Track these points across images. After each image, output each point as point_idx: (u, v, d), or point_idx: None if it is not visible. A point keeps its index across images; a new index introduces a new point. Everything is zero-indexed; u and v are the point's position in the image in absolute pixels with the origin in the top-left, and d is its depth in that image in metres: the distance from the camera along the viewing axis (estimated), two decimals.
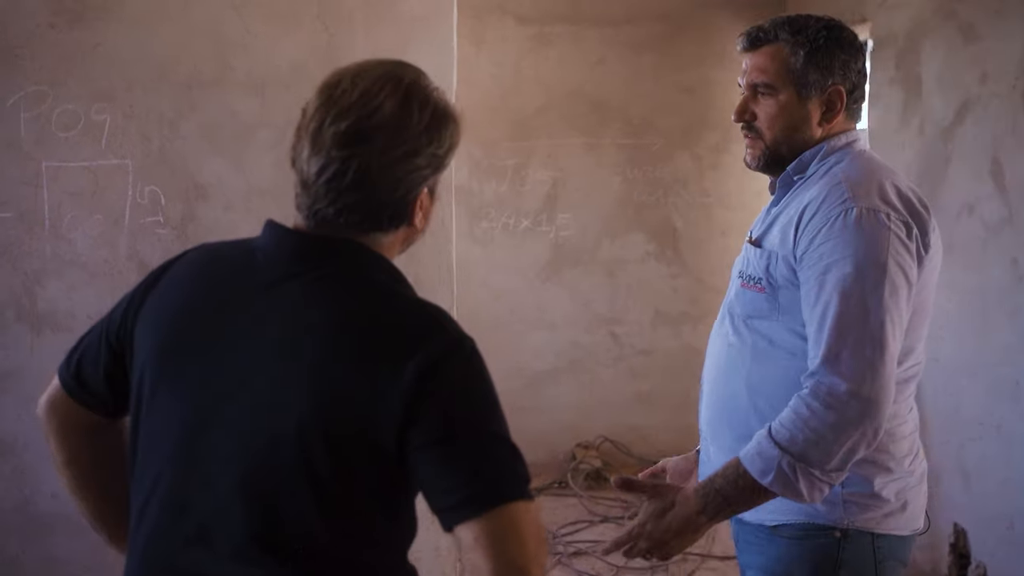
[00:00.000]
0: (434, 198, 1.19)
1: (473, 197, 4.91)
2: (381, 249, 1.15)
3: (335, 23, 2.36)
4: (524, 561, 0.98)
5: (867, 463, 1.46)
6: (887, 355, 1.37)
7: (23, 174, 2.34)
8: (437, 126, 1.11)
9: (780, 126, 1.54)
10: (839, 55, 1.52)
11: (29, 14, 2.32)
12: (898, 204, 1.44)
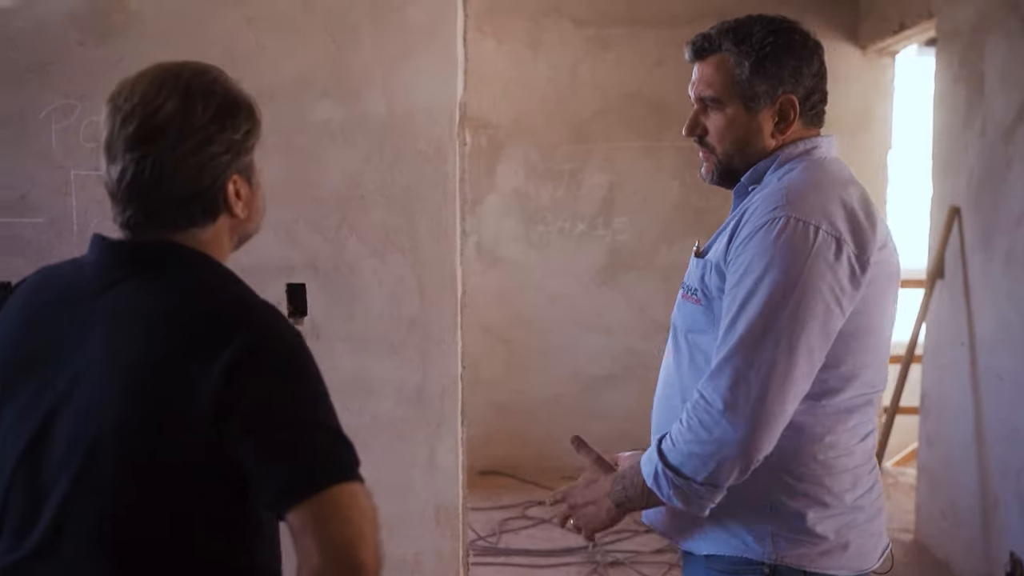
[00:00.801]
0: (254, 186, 1.23)
1: (529, 201, 4.92)
2: (203, 246, 1.17)
3: (341, 33, 2.41)
4: (350, 542, 0.99)
5: (799, 496, 1.40)
6: (783, 379, 1.30)
7: (54, 182, 2.49)
8: (225, 113, 1.15)
9: (730, 140, 1.48)
10: (788, 61, 1.43)
11: (59, 33, 2.46)
12: (835, 218, 1.34)
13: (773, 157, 1.47)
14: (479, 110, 4.93)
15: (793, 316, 1.30)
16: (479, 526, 4.23)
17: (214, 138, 1.13)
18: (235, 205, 1.18)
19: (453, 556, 2.54)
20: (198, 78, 1.17)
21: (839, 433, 1.41)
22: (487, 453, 5.02)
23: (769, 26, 1.44)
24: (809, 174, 1.43)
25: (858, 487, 1.44)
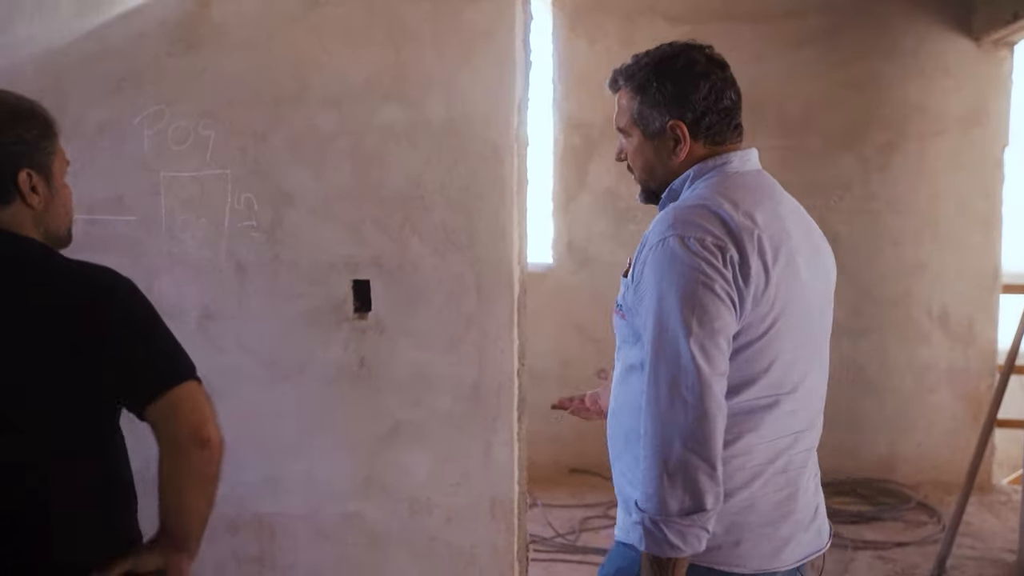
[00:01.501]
0: (54, 187, 1.48)
1: (620, 200, 4.90)
2: (8, 222, 1.43)
3: (403, 40, 2.49)
4: (201, 422, 1.39)
5: None
6: (696, 382, 1.34)
7: (146, 183, 2.69)
8: (15, 118, 1.42)
9: (640, 165, 1.62)
10: (668, 87, 1.52)
11: (152, 45, 2.66)
12: (716, 230, 1.39)
13: (686, 176, 1.54)
14: (573, 109, 4.96)
15: (688, 324, 1.35)
16: (560, 523, 4.26)
17: (5, 132, 1.39)
18: (29, 197, 1.43)
19: (508, 550, 2.58)
20: (4, 94, 1.46)
21: (735, 433, 1.42)
22: (578, 451, 5.04)
23: (650, 60, 1.57)
24: (707, 188, 1.48)
25: (753, 487, 1.46)
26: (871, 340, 4.71)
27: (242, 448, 2.71)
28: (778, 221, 1.47)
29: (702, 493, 1.35)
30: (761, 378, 1.44)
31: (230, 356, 2.68)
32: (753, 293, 1.40)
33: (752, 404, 1.44)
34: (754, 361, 1.43)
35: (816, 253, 1.56)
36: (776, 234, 1.44)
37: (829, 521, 1.64)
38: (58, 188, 1.49)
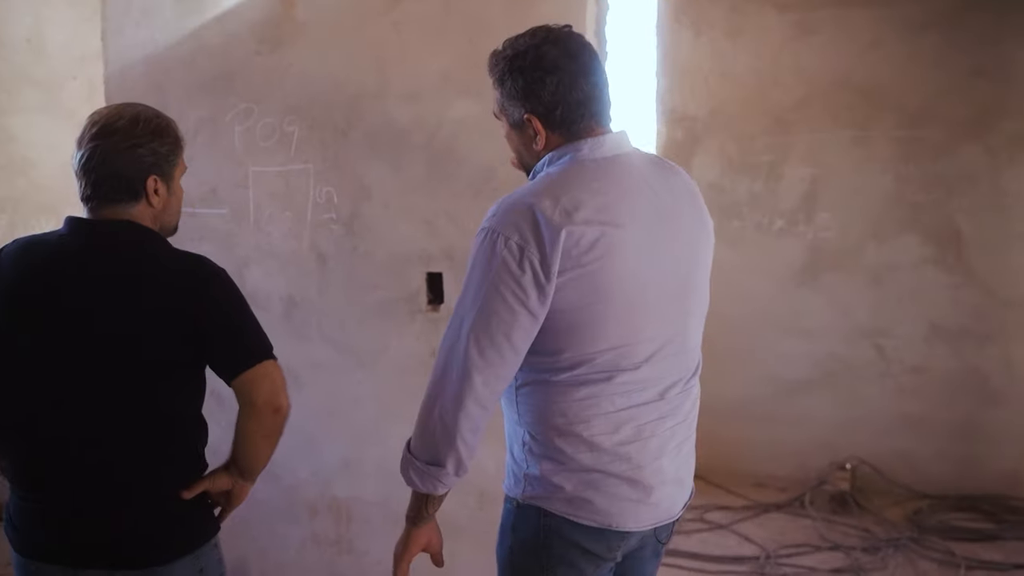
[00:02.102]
0: (172, 190, 1.72)
1: (724, 195, 4.75)
2: (135, 217, 1.66)
3: (477, 34, 2.50)
4: (274, 392, 1.67)
5: (538, 452, 1.60)
6: (467, 369, 1.50)
7: (236, 177, 2.82)
8: (154, 134, 1.65)
9: (512, 149, 1.71)
10: (520, 82, 1.58)
11: (242, 45, 2.78)
12: (524, 230, 1.47)
13: (542, 161, 1.63)
14: (676, 102, 4.84)
15: (473, 316, 1.50)
16: None
17: (142, 145, 1.63)
18: (152, 197, 1.67)
19: None
20: (145, 110, 1.69)
21: (569, 403, 1.56)
22: None
23: (506, 53, 1.63)
24: (538, 180, 1.58)
25: (596, 452, 1.57)
26: (997, 346, 4.38)
27: (322, 433, 2.81)
28: (606, 210, 1.51)
29: (440, 453, 1.55)
30: (596, 357, 1.54)
31: (312, 344, 2.78)
32: (558, 283, 1.48)
33: (582, 378, 1.55)
34: (582, 342, 1.53)
35: (671, 233, 1.60)
36: (599, 224, 1.49)
37: (694, 487, 1.82)
38: (175, 190, 1.75)
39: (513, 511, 1.67)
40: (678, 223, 1.63)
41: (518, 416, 1.63)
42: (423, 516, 1.65)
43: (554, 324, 1.51)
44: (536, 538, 1.62)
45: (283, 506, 2.88)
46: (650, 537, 1.71)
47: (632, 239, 1.52)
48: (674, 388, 1.65)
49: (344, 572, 2.81)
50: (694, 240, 1.68)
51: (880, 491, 4.43)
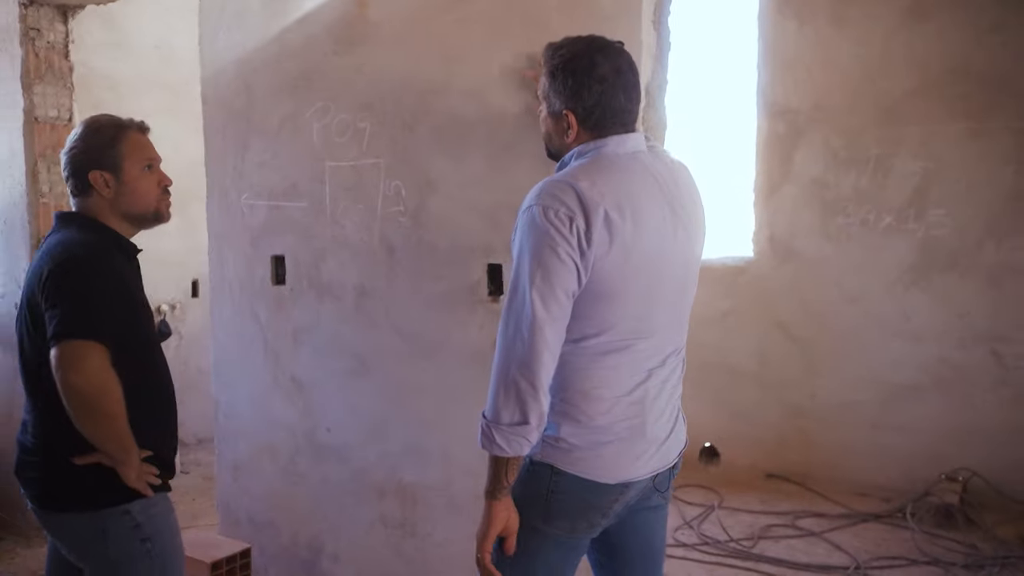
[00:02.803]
0: (124, 180, 2.00)
1: (828, 190, 4.57)
2: (90, 210, 2.01)
3: (535, 29, 2.51)
4: (77, 378, 1.78)
5: (558, 413, 1.76)
6: (531, 323, 1.65)
7: (314, 172, 2.96)
8: (87, 135, 1.99)
9: (543, 133, 1.91)
10: (569, 83, 1.77)
11: (319, 45, 2.91)
12: (568, 201, 1.65)
13: (571, 153, 1.82)
14: (778, 95, 4.69)
15: (533, 278, 1.66)
16: (740, 528, 4.07)
17: (76, 148, 2.00)
18: (100, 189, 1.97)
19: None
20: (91, 118, 2.03)
21: (596, 369, 1.74)
22: (777, 456, 4.78)
23: (565, 51, 1.80)
24: (573, 167, 1.77)
25: (612, 413, 1.76)
26: None
27: (389, 418, 2.91)
28: (630, 197, 1.71)
29: (527, 410, 1.66)
30: (618, 324, 1.73)
31: (380, 332, 2.88)
32: (596, 254, 1.66)
33: (608, 346, 1.74)
34: (608, 311, 1.71)
35: (678, 221, 1.79)
36: (626, 208, 1.69)
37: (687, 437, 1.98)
38: (128, 181, 1.99)
39: (526, 469, 1.81)
40: (684, 213, 1.83)
41: None
42: (502, 486, 1.75)
43: (588, 291, 1.69)
44: (543, 492, 1.79)
45: (353, 488, 3.00)
46: (651, 490, 1.89)
47: (650, 223, 1.73)
48: (672, 357, 1.85)
49: (408, 554, 2.89)
50: (695, 229, 1.87)
51: (993, 506, 4.15)
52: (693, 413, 4.87)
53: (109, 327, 1.88)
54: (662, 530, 2.02)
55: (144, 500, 2.00)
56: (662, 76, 2.51)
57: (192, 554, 2.88)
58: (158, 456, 2.06)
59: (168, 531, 2.08)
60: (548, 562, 1.84)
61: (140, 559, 2.01)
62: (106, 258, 1.96)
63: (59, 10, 3.85)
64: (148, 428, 2.01)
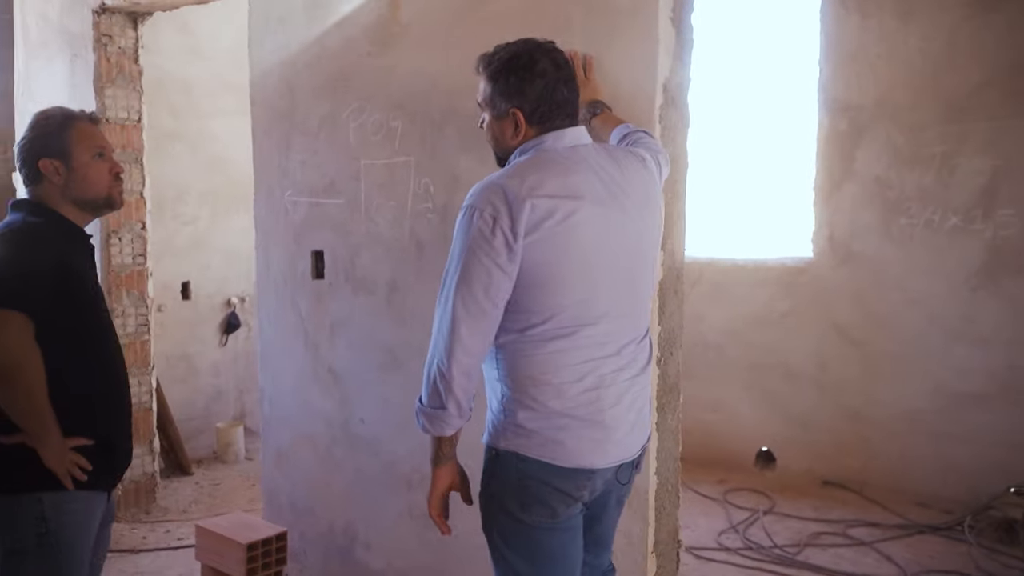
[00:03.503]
0: (74, 167, 2.04)
1: (890, 189, 4.42)
2: (41, 198, 2.06)
3: (557, 27, 2.52)
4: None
5: (514, 400, 1.84)
6: (454, 322, 1.76)
7: (351, 170, 3.05)
8: (33, 126, 2.08)
9: (489, 138, 1.97)
10: (512, 80, 1.85)
11: (356, 47, 2.99)
12: (496, 202, 1.74)
13: (515, 153, 1.91)
14: (839, 91, 4.56)
15: (456, 279, 1.77)
16: (788, 535, 3.98)
17: (27, 138, 2.07)
18: (51, 176, 2.04)
19: (641, 541, 2.52)
20: (43, 110, 2.12)
21: (541, 355, 1.81)
22: (834, 462, 4.65)
23: (504, 53, 1.88)
24: (515, 167, 1.84)
25: (564, 399, 1.81)
26: None
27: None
28: (565, 188, 1.78)
29: (444, 399, 1.79)
30: (559, 312, 1.79)
31: (408, 327, 2.94)
32: (525, 245, 1.74)
33: (552, 333, 1.80)
34: (550, 295, 1.78)
35: (623, 210, 1.86)
36: (558, 198, 1.76)
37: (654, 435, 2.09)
38: (77, 168, 2.05)
39: (493, 460, 1.90)
40: (630, 203, 1.89)
41: (497, 372, 1.87)
42: (441, 456, 1.89)
43: (525, 281, 1.77)
44: (514, 481, 1.85)
45: (384, 478, 3.08)
46: (613, 481, 1.95)
47: (587, 211, 1.79)
48: (628, 346, 1.90)
49: (433, 545, 2.95)
50: (642, 218, 1.93)
51: None
52: (746, 415, 4.84)
53: (36, 301, 1.87)
54: (614, 522, 2.12)
55: (58, 492, 1.94)
56: (683, 74, 2.48)
57: (230, 535, 3.02)
58: (104, 449, 2.02)
59: (74, 534, 1.99)
60: (546, 550, 1.89)
61: (30, 556, 1.94)
62: (42, 237, 1.99)
63: (130, 17, 4.06)
64: (86, 417, 1.99)
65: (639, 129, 2.24)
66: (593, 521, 2.01)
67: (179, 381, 5.23)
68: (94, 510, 2.05)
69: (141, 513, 4.22)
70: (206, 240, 5.34)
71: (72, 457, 1.94)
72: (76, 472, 1.94)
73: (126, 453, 2.16)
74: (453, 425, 1.83)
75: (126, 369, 2.21)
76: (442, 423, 1.82)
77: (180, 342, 5.25)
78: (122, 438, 2.13)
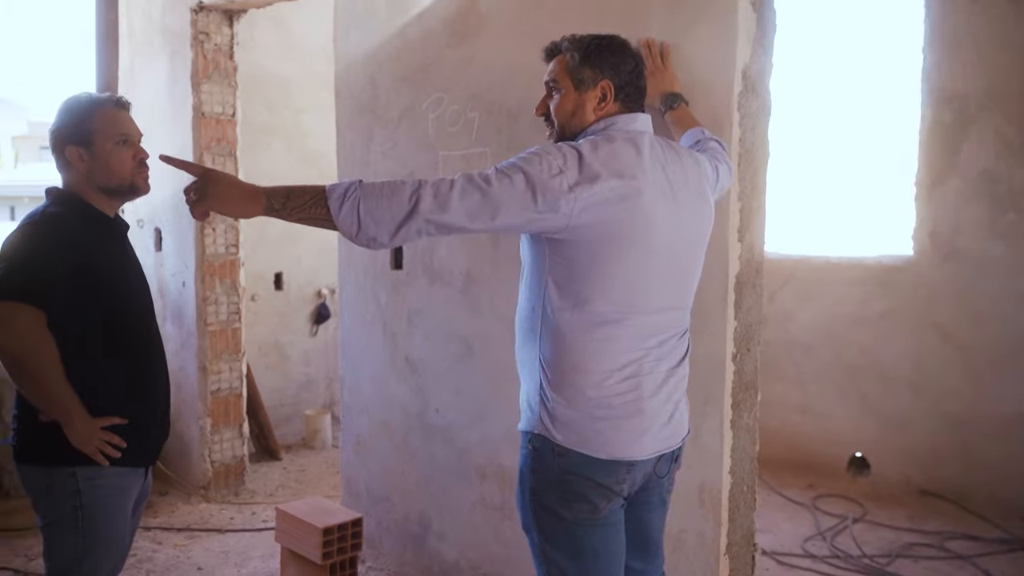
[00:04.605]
0: (97, 154, 2.05)
1: (998, 184, 4.17)
2: (69, 185, 2.10)
3: (633, 14, 2.48)
4: (4, 338, 1.87)
5: (552, 386, 1.81)
6: (454, 183, 1.69)
7: (429, 161, 3.07)
8: (60, 114, 2.09)
9: (561, 114, 1.91)
10: (607, 56, 1.87)
11: (436, 39, 3.01)
12: (568, 155, 1.72)
13: (586, 131, 1.88)
14: (945, 79, 4.32)
15: (493, 173, 1.70)
16: (879, 544, 3.81)
17: (55, 123, 2.09)
18: (75, 163, 2.06)
19: (715, 542, 2.45)
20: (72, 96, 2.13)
21: (587, 341, 1.78)
22: (932, 471, 4.43)
23: (599, 36, 1.90)
24: (587, 140, 1.81)
25: (603, 387, 1.79)
26: None
27: (490, 402, 2.97)
28: (631, 169, 1.75)
29: (369, 223, 1.65)
30: (611, 291, 1.76)
31: (484, 318, 2.94)
32: (582, 212, 1.70)
33: (602, 317, 1.77)
34: (602, 277, 1.75)
35: (679, 204, 1.83)
36: (625, 178, 1.73)
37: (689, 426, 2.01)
38: (100, 154, 2.06)
39: (530, 455, 1.87)
40: (684, 196, 1.87)
41: (539, 355, 1.85)
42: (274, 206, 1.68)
43: (583, 252, 1.74)
44: (553, 477, 1.82)
45: (457, 468, 3.09)
46: (652, 475, 1.92)
47: (649, 197, 1.77)
48: (670, 340, 1.88)
49: (506, 536, 2.94)
50: (696, 213, 1.91)
51: None
52: (838, 418, 4.65)
53: (50, 292, 1.92)
54: (660, 522, 2.06)
55: (92, 468, 2.00)
56: (764, 60, 2.39)
57: (307, 519, 3.08)
58: (136, 427, 2.06)
59: (107, 508, 2.06)
60: (588, 546, 1.86)
61: (67, 526, 2.02)
62: (61, 227, 2.00)
63: (225, 14, 4.20)
64: (117, 398, 2.04)
65: (713, 137, 2.20)
66: (636, 520, 1.98)
67: (271, 369, 5.40)
68: (128, 485, 2.10)
69: (230, 495, 4.36)
70: (299, 232, 5.46)
71: (102, 435, 1.99)
72: (108, 449, 2.00)
73: (159, 432, 2.21)
74: (335, 217, 1.66)
75: (161, 351, 2.24)
76: (350, 223, 1.65)
77: (272, 331, 5.42)
78: (154, 417, 2.17)
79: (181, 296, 4.35)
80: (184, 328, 4.35)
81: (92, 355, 2.01)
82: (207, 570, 3.51)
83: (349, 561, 3.11)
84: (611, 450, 1.81)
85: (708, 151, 2.14)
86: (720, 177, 2.11)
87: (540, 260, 1.83)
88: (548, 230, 1.74)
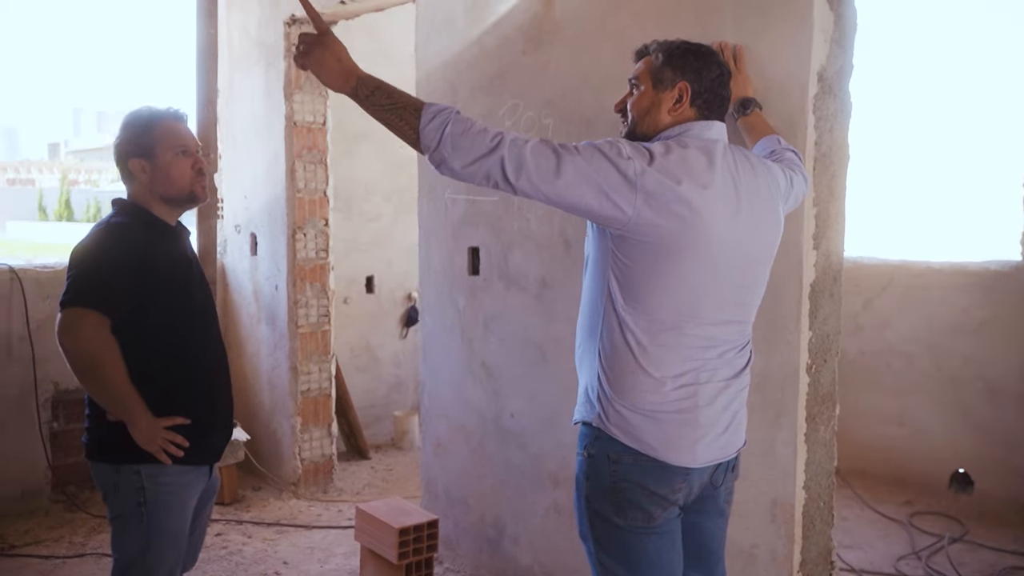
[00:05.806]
0: (158, 166, 2.16)
1: None
2: (133, 196, 2.21)
3: (707, 16, 2.44)
4: (70, 343, 1.98)
5: (614, 385, 1.82)
6: (534, 144, 1.75)
7: None
8: (123, 128, 2.21)
9: (638, 110, 1.92)
10: (692, 61, 1.87)
11: (512, 46, 3.03)
12: (639, 151, 1.75)
13: (661, 134, 1.88)
14: None
15: (575, 146, 1.74)
16: (977, 565, 3.61)
17: (118, 141, 2.20)
18: (138, 175, 2.17)
19: (787, 559, 2.38)
20: (134, 110, 2.24)
21: (646, 346, 1.79)
22: None
23: (688, 42, 1.91)
24: (659, 142, 1.83)
25: (660, 393, 1.80)
26: None
27: (563, 408, 2.97)
28: (700, 175, 1.76)
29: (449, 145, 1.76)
30: (674, 301, 1.78)
31: (557, 323, 2.94)
32: (642, 200, 1.71)
33: (669, 318, 1.79)
34: (665, 283, 1.77)
35: (746, 215, 1.82)
36: (695, 183, 1.74)
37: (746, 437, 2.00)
38: (161, 166, 2.16)
39: (584, 461, 1.88)
40: (751, 209, 1.84)
41: (599, 346, 1.85)
42: (361, 92, 1.80)
43: (640, 257, 1.76)
44: (608, 484, 1.83)
45: (531, 473, 3.10)
46: (708, 485, 1.91)
47: (714, 207, 1.76)
48: (729, 352, 1.88)
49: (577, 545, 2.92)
50: (764, 226, 1.88)
51: None
52: (940, 433, 4.44)
53: (114, 298, 2.02)
54: (719, 533, 2.03)
55: (156, 466, 2.09)
56: (844, 60, 2.30)
57: (385, 519, 3.15)
58: (199, 428, 2.14)
59: (170, 506, 2.14)
60: (643, 554, 1.85)
61: (132, 521, 2.11)
62: (125, 236, 2.10)
63: None
64: (179, 399, 2.13)
65: (790, 148, 2.15)
66: (693, 529, 1.96)
67: (362, 370, 5.53)
68: (190, 483, 2.18)
69: (319, 492, 4.50)
70: (389, 236, 5.60)
71: (165, 435, 2.08)
72: (171, 448, 2.08)
73: (222, 432, 2.28)
74: (431, 143, 1.78)
75: (223, 354, 2.32)
76: (433, 133, 1.77)
77: (364, 333, 5.55)
78: (215, 417, 2.24)
79: (274, 299, 4.51)
80: (277, 330, 4.51)
81: (155, 358, 2.11)
82: (292, 564, 3.63)
83: (425, 562, 3.16)
84: (664, 453, 1.81)
85: (784, 161, 2.08)
86: (795, 188, 2.05)
87: (604, 255, 1.83)
88: (611, 219, 1.74)
